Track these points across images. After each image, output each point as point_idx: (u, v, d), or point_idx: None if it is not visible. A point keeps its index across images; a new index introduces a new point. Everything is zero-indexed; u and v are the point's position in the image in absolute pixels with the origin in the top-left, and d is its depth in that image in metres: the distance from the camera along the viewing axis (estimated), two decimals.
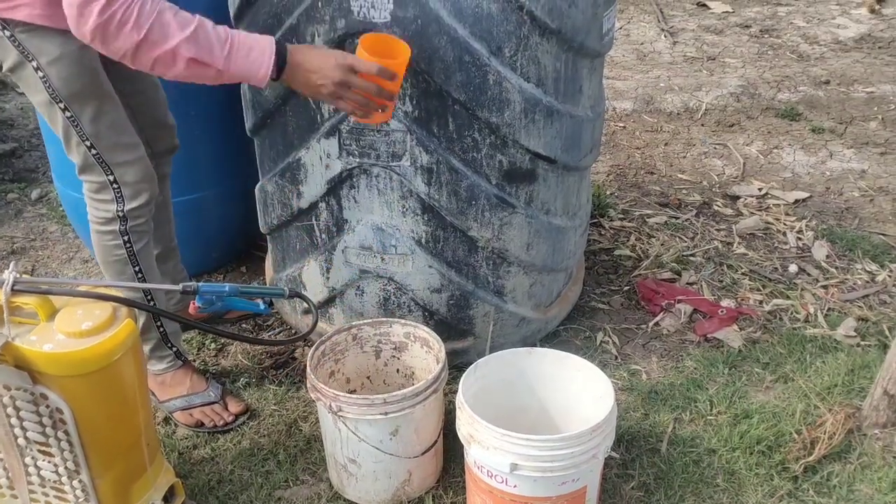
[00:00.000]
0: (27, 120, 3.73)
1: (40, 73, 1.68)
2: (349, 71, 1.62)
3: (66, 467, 1.54)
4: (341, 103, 1.67)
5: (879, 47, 4.75)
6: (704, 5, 5.49)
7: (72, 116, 1.74)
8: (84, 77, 1.72)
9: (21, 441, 1.53)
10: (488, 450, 1.59)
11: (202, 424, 2.06)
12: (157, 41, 1.50)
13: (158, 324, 2.01)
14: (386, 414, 1.69)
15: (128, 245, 1.89)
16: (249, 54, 1.58)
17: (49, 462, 1.55)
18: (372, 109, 1.70)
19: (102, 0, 1.44)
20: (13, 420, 1.49)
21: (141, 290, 1.92)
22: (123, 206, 1.86)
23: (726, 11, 5.37)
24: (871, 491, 1.85)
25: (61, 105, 1.72)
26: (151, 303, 1.96)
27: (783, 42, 4.84)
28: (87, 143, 1.78)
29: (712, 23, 5.16)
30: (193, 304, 2.13)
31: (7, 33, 1.65)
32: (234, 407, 2.09)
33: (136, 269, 1.93)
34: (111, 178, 1.83)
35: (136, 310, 1.58)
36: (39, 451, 1.54)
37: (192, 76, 1.57)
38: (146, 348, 2.04)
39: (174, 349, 2.08)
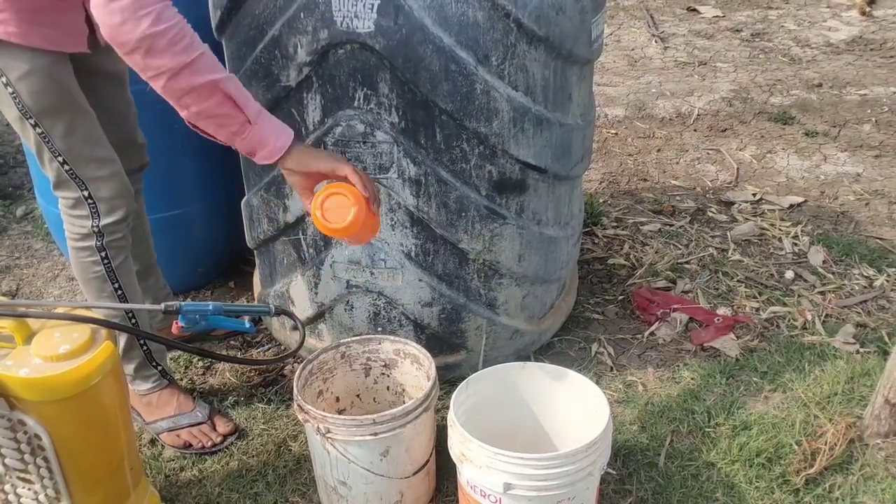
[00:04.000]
0: (12, 136, 3.68)
1: (10, 90, 1.64)
2: None
3: (46, 495, 1.50)
4: None
5: (871, 49, 4.74)
6: (695, 10, 5.47)
7: (43, 132, 1.70)
8: (55, 92, 1.68)
9: None
10: (481, 469, 1.55)
11: (190, 445, 2.01)
12: (202, 69, 1.43)
13: (142, 342, 1.96)
14: (375, 434, 1.64)
15: (105, 261, 1.85)
16: (272, 120, 1.54)
17: (29, 489, 1.51)
18: None
19: (155, 12, 1.37)
20: None
21: (123, 310, 1.88)
22: (99, 221, 1.81)
23: (717, 16, 5.36)
24: (874, 503, 1.81)
25: (32, 121, 1.68)
26: (133, 321, 1.91)
27: (774, 46, 4.81)
28: (60, 159, 1.73)
29: (703, 27, 5.14)
30: (177, 323, 2.08)
31: None
32: (223, 427, 2.05)
33: (116, 285, 1.88)
34: (86, 193, 1.78)
35: (115, 331, 1.54)
36: (18, 478, 1.50)
37: (214, 118, 1.49)
38: (130, 368, 1.99)
39: (159, 368, 2.03)
